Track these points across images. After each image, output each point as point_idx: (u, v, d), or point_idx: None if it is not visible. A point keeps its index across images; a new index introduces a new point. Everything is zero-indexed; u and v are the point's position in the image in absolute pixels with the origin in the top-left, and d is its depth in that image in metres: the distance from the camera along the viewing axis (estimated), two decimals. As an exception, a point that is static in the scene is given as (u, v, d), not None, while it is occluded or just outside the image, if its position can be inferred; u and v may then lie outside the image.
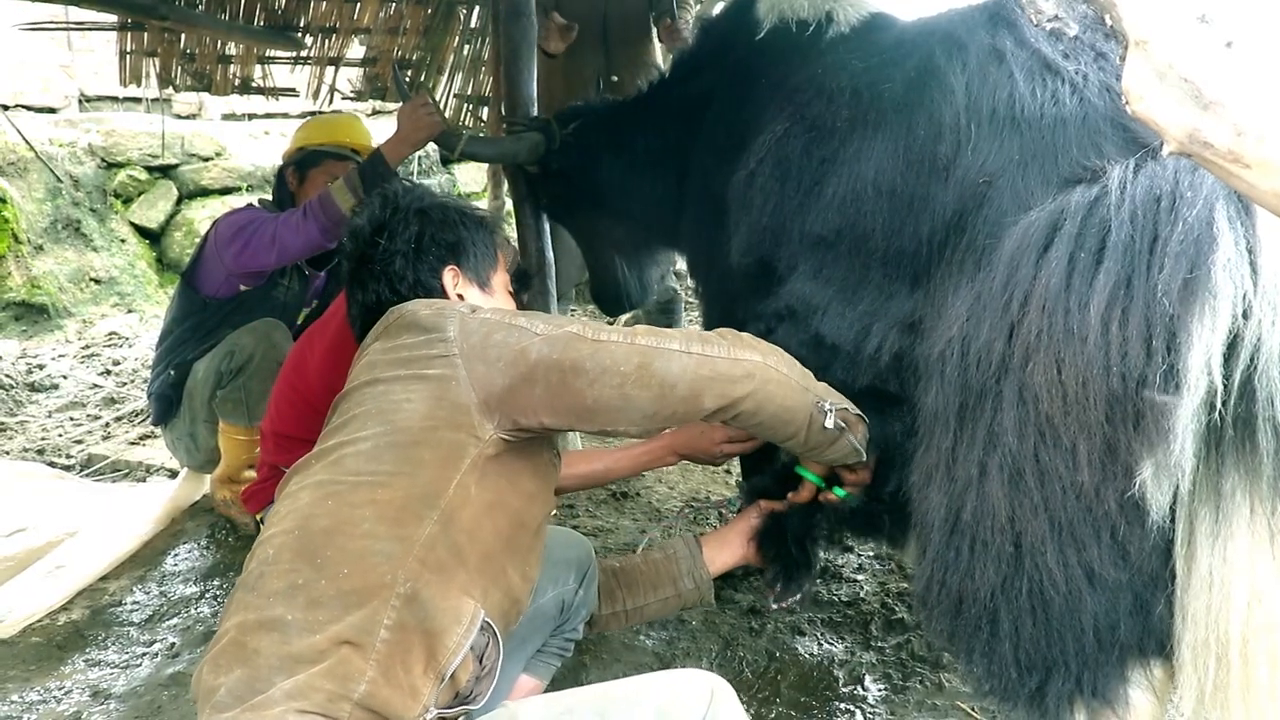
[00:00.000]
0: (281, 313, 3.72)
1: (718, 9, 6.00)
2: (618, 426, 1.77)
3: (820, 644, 2.93)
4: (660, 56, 5.11)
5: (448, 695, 1.56)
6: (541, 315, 1.80)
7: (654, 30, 5.05)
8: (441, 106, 5.77)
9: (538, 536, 1.83)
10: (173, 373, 3.63)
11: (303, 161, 3.76)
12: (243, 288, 3.61)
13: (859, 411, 1.93)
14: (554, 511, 1.88)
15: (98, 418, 5.12)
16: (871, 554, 3.42)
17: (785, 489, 2.24)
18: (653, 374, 1.69)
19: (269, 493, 2.83)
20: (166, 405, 3.69)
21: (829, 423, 1.85)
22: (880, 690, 2.70)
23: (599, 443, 4.17)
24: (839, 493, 2.12)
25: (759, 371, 1.77)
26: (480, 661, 1.60)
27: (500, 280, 2.10)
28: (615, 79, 4.76)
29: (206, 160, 8.50)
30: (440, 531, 1.59)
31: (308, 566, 1.53)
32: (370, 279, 1.96)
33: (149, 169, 8.17)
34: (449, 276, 1.97)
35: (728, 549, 2.27)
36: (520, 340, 1.69)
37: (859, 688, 2.71)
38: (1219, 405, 1.36)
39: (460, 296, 1.96)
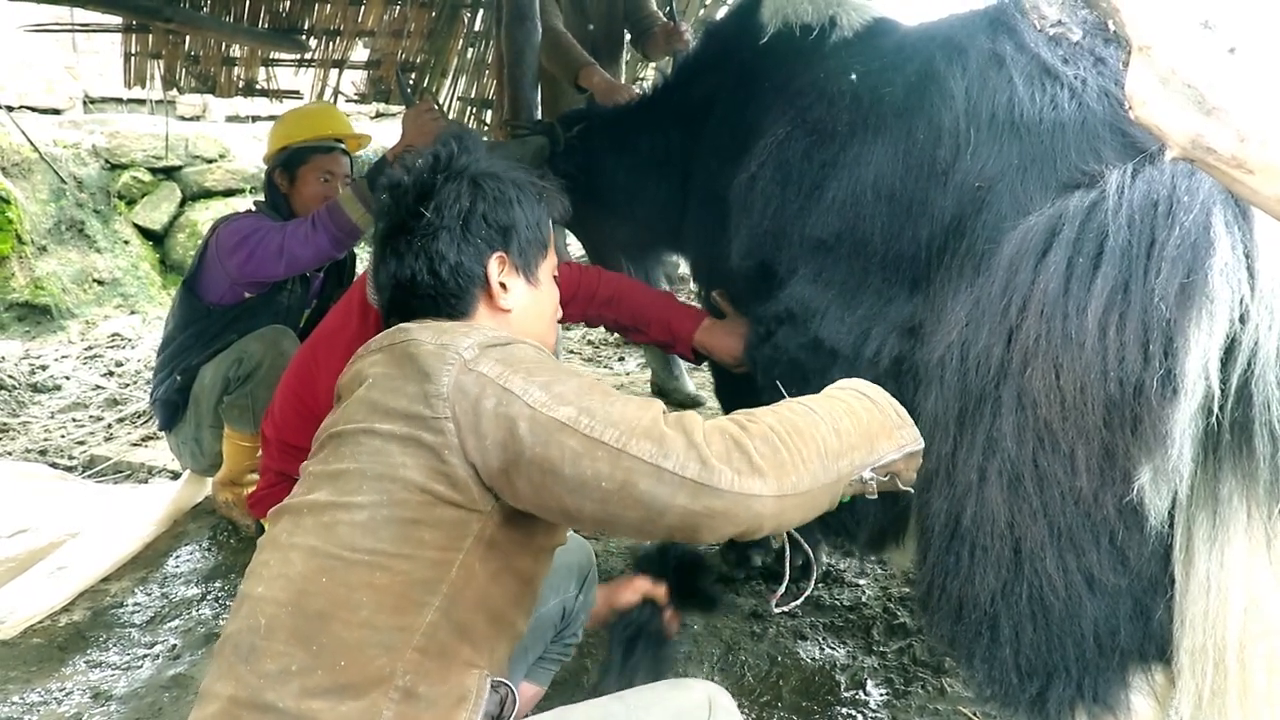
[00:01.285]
0: (285, 317, 3.72)
1: (721, 13, 6.03)
2: (611, 535, 1.61)
3: (822, 648, 2.93)
4: (623, 74, 5.14)
5: None
6: (551, 373, 1.51)
7: (623, 48, 5.07)
8: (445, 110, 5.79)
9: (543, 578, 1.71)
10: (179, 377, 3.62)
11: (289, 161, 3.68)
12: (247, 295, 3.60)
13: (917, 445, 1.57)
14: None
15: (100, 419, 5.13)
16: (873, 559, 3.42)
17: None
18: (638, 498, 1.40)
19: (276, 498, 2.83)
20: (172, 410, 3.69)
21: (870, 486, 1.54)
22: (882, 695, 2.70)
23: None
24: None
25: (768, 507, 1.41)
26: (499, 717, 1.55)
27: (548, 268, 1.86)
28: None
29: (210, 162, 8.53)
30: (442, 618, 1.48)
31: (303, 652, 1.42)
32: (408, 252, 1.70)
33: (153, 170, 8.20)
34: (495, 265, 1.72)
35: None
36: (510, 414, 1.44)
37: (860, 692, 2.71)
38: (1216, 410, 1.36)
39: (503, 286, 1.73)
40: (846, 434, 1.49)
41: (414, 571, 1.46)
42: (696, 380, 5.12)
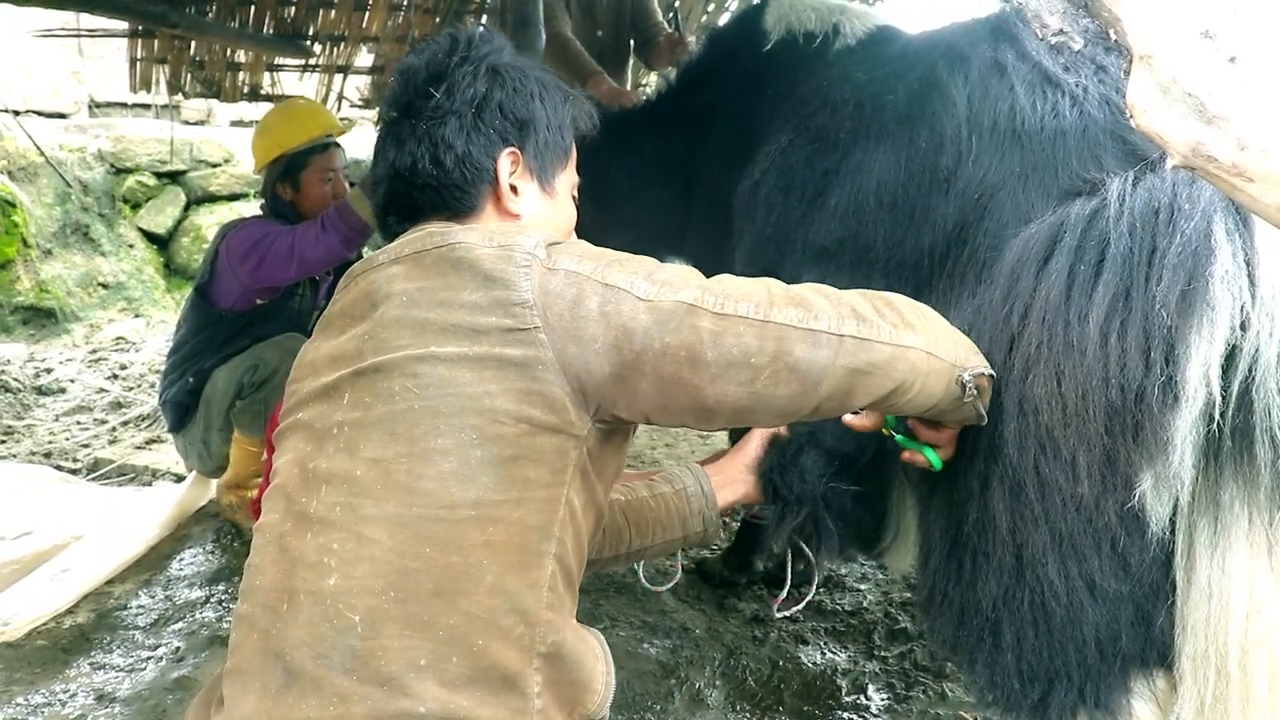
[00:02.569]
0: (296, 322, 3.74)
1: (724, 19, 6.05)
2: (744, 425, 1.45)
3: (823, 653, 2.93)
4: (628, 82, 5.16)
5: None
6: (643, 262, 1.36)
7: (629, 61, 5.09)
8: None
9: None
10: (191, 380, 3.62)
11: (289, 169, 3.60)
12: (259, 301, 3.60)
13: (991, 371, 1.54)
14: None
15: (104, 422, 5.15)
16: (874, 564, 3.42)
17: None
18: (793, 367, 1.28)
19: None
20: (182, 412, 3.70)
21: (965, 394, 1.47)
22: (883, 700, 2.70)
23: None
24: (931, 456, 1.68)
25: (921, 362, 1.37)
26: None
27: (566, 181, 1.66)
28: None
29: (215, 166, 8.56)
30: (557, 566, 1.31)
31: (428, 641, 1.21)
32: (410, 137, 1.49)
33: (158, 175, 8.23)
34: (506, 160, 1.52)
35: (731, 486, 1.94)
36: (621, 311, 1.27)
37: (862, 697, 2.71)
38: (1217, 417, 1.37)
39: (513, 189, 1.54)
40: (949, 331, 1.48)
41: (527, 517, 1.28)
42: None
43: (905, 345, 1.35)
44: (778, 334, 1.28)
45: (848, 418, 1.62)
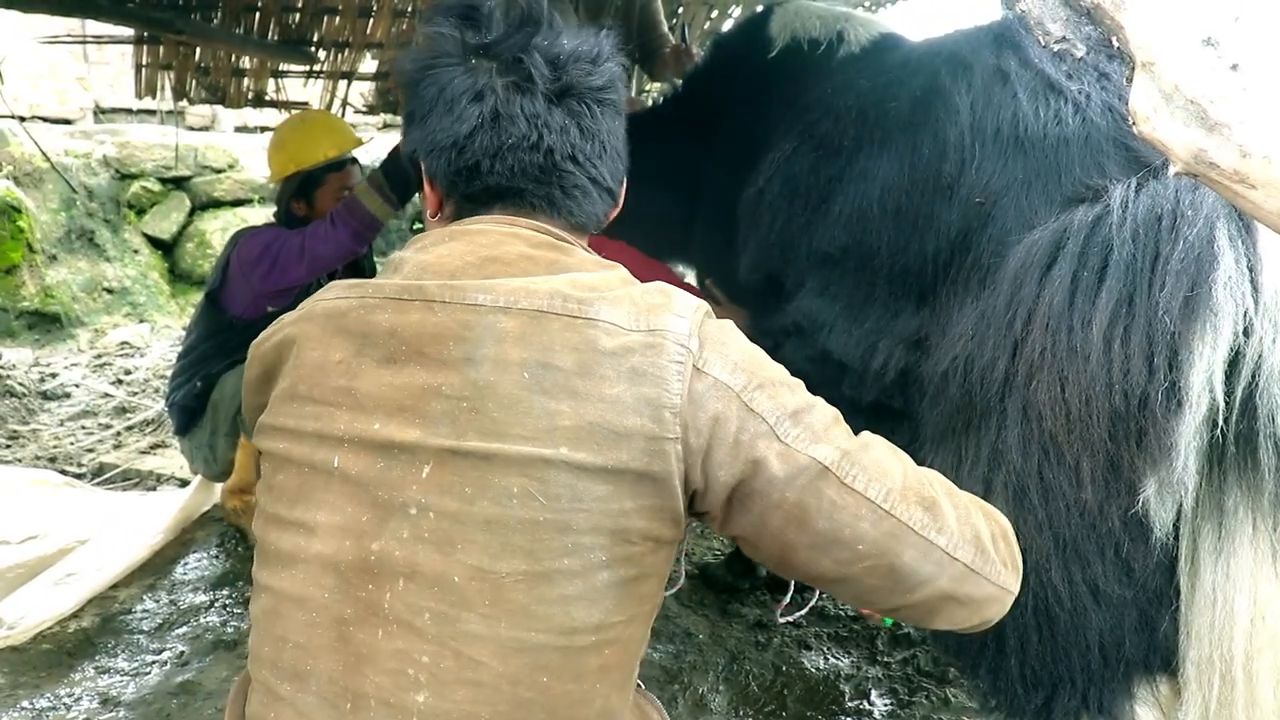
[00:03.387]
0: None
1: (728, 26, 6.06)
2: (818, 587, 1.30)
3: (826, 658, 2.93)
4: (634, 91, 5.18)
5: None
6: (792, 390, 1.19)
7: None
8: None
9: None
10: (199, 383, 3.62)
11: (303, 186, 3.58)
12: (270, 309, 3.59)
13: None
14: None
15: (109, 427, 5.16)
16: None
17: None
18: (895, 569, 1.15)
19: None
20: (189, 416, 3.70)
21: None
22: (886, 705, 2.70)
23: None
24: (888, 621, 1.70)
25: (1006, 608, 1.24)
26: None
27: None
28: None
29: (219, 172, 8.58)
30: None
31: None
32: (544, 128, 1.24)
33: (162, 180, 8.25)
34: (618, 199, 1.39)
35: None
36: (756, 446, 1.12)
37: (865, 702, 2.71)
38: (1221, 422, 1.37)
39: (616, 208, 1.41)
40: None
41: (636, 632, 1.19)
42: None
43: (1008, 590, 1.22)
44: (894, 531, 1.15)
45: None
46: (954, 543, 1.16)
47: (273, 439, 1.23)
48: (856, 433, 1.22)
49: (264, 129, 9.81)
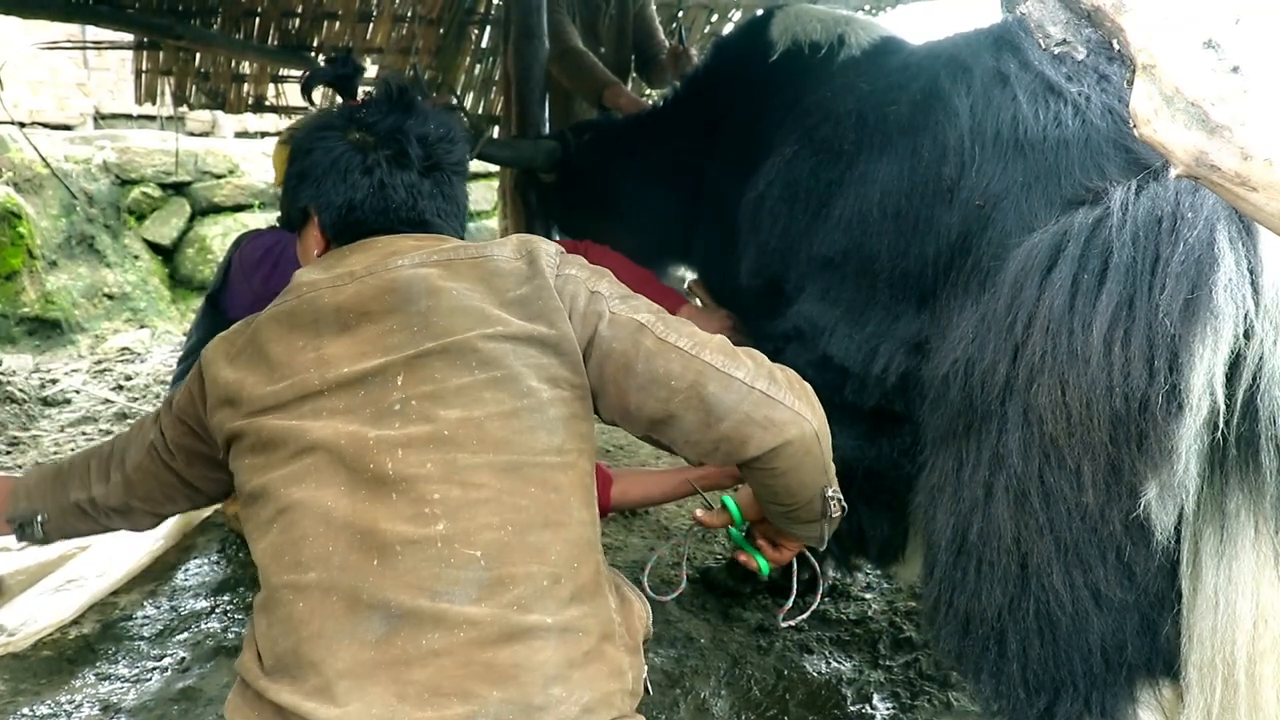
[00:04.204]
0: None
1: (727, 29, 6.06)
2: (661, 440, 1.61)
3: (828, 662, 2.92)
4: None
5: None
6: (617, 281, 1.62)
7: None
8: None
9: None
10: None
11: None
12: None
13: (846, 504, 1.68)
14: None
15: (109, 432, 5.15)
16: (879, 573, 3.41)
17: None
18: (704, 398, 1.48)
19: None
20: None
21: (830, 510, 1.63)
22: (888, 709, 2.70)
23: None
24: (761, 562, 1.90)
25: (808, 440, 1.52)
26: None
27: None
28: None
29: (219, 178, 8.59)
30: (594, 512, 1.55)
31: (543, 565, 1.38)
32: (418, 195, 1.65)
33: (162, 186, 8.26)
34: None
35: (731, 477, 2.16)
36: (597, 309, 1.53)
37: (867, 706, 2.71)
38: (1222, 425, 1.37)
39: None
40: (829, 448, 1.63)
41: (584, 464, 1.51)
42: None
43: (802, 416, 1.51)
44: (699, 369, 1.49)
45: (698, 513, 1.90)
46: (750, 376, 1.49)
47: (255, 418, 1.48)
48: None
49: (264, 134, 9.84)
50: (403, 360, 1.43)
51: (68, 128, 9.47)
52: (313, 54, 5.77)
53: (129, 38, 5.65)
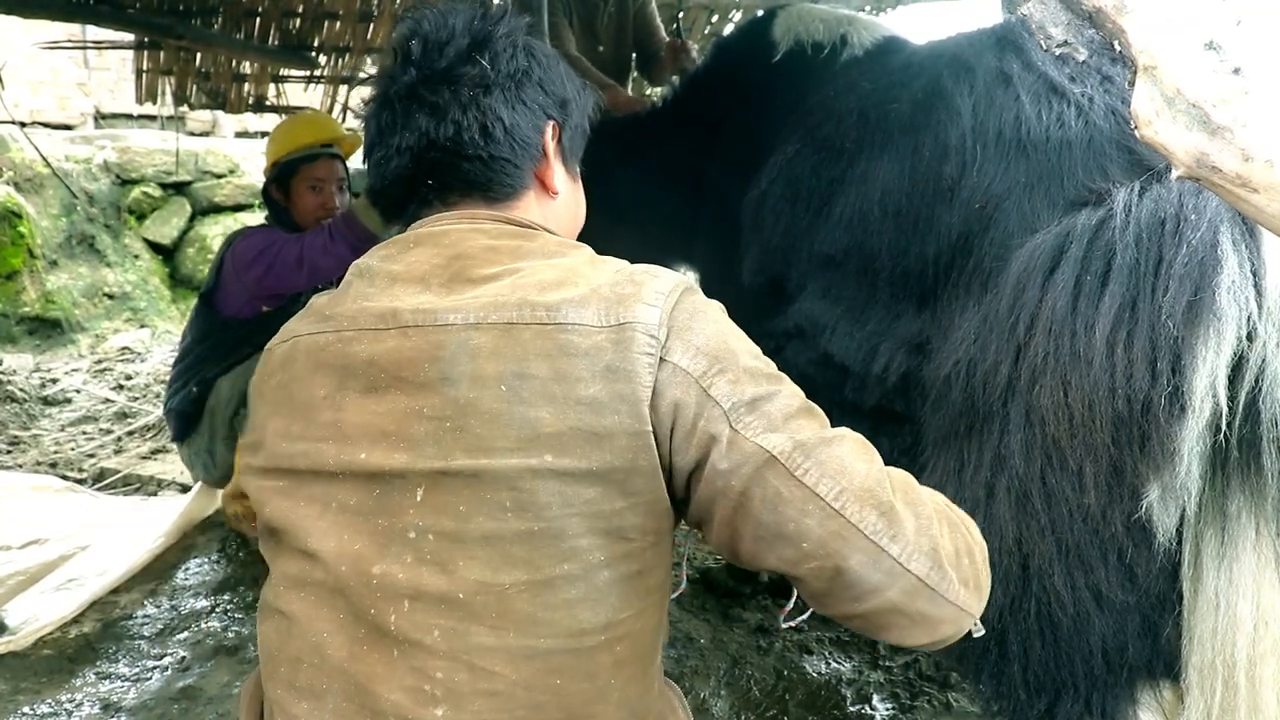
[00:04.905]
0: None
1: (728, 29, 6.06)
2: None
3: (828, 663, 2.92)
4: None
5: None
6: (748, 366, 1.17)
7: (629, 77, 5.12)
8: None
9: None
10: (195, 389, 3.64)
11: (280, 176, 3.66)
12: (264, 309, 3.62)
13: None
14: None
15: (110, 432, 5.16)
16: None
17: None
18: (842, 573, 1.11)
19: None
20: (186, 422, 3.71)
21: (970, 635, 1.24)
22: (888, 710, 2.70)
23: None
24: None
25: (963, 630, 1.17)
26: None
27: (575, 170, 1.54)
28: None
29: (220, 177, 8.60)
30: (661, 651, 1.29)
31: None
32: (454, 104, 1.31)
33: (163, 186, 8.27)
34: (551, 134, 1.40)
35: None
36: (710, 433, 1.12)
37: (867, 707, 2.70)
38: (1224, 427, 1.36)
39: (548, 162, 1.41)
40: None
41: (647, 624, 1.20)
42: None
43: (966, 612, 1.15)
44: (842, 533, 1.10)
45: None
46: (908, 553, 1.10)
47: (268, 479, 1.26)
48: (868, 438, 1.20)
49: (264, 134, 9.81)
50: (426, 474, 1.14)
51: (68, 127, 9.47)
52: (313, 54, 5.77)
53: (129, 37, 5.65)
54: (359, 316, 1.24)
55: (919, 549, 1.11)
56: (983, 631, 1.21)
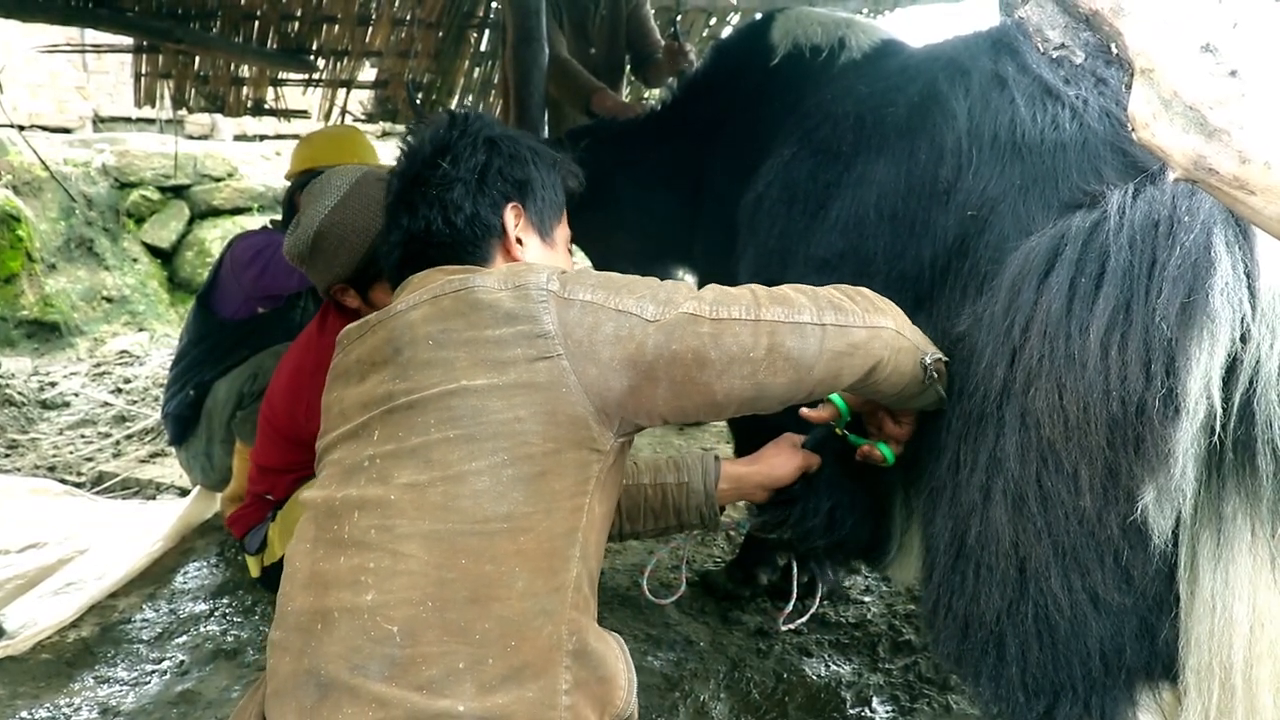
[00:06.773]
0: (297, 332, 3.73)
1: (727, 31, 6.07)
2: (752, 413, 1.56)
3: (828, 665, 2.92)
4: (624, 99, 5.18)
5: None
6: (645, 285, 1.50)
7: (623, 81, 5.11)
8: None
9: None
10: (192, 392, 3.64)
11: (305, 185, 3.55)
12: (260, 310, 3.63)
13: (946, 357, 1.71)
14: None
15: (108, 435, 5.16)
16: (878, 576, 3.41)
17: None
18: (787, 356, 1.46)
19: (251, 517, 2.86)
20: (184, 425, 3.71)
21: (927, 376, 1.65)
22: (888, 712, 2.70)
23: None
24: (885, 451, 1.85)
25: (893, 340, 1.56)
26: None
27: (563, 234, 1.85)
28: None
29: (218, 181, 8.61)
30: (581, 567, 1.44)
31: (465, 645, 1.32)
32: (422, 203, 1.65)
33: (161, 189, 8.27)
34: (511, 214, 1.69)
35: (737, 490, 2.03)
36: (633, 331, 1.43)
37: (866, 709, 2.71)
38: (1218, 429, 1.36)
39: (519, 241, 1.70)
40: (908, 320, 1.66)
41: (555, 525, 1.41)
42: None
43: (879, 325, 1.55)
44: (769, 330, 1.46)
45: (805, 410, 1.82)
46: (815, 314, 1.49)
47: (318, 473, 1.60)
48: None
49: (263, 137, 9.84)
50: (380, 415, 1.46)
51: (67, 131, 9.47)
52: (312, 57, 5.78)
53: (128, 41, 5.66)
54: (350, 332, 1.62)
55: (819, 307, 1.50)
56: (941, 360, 1.66)
